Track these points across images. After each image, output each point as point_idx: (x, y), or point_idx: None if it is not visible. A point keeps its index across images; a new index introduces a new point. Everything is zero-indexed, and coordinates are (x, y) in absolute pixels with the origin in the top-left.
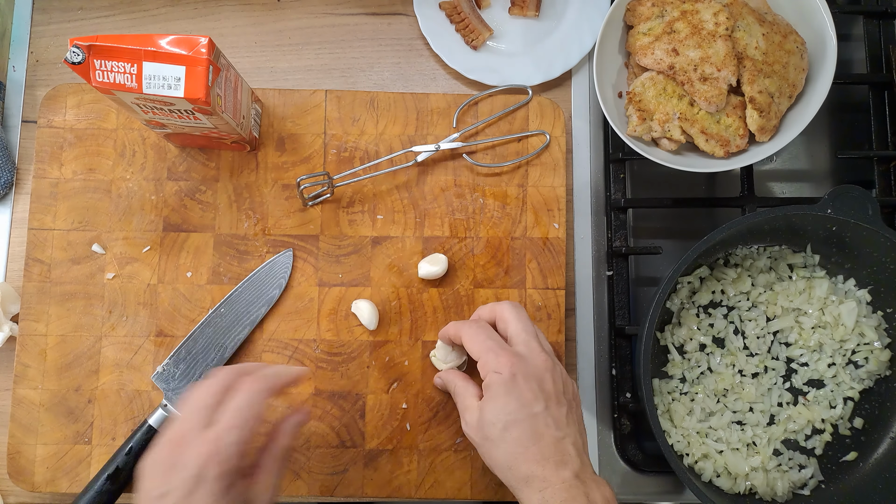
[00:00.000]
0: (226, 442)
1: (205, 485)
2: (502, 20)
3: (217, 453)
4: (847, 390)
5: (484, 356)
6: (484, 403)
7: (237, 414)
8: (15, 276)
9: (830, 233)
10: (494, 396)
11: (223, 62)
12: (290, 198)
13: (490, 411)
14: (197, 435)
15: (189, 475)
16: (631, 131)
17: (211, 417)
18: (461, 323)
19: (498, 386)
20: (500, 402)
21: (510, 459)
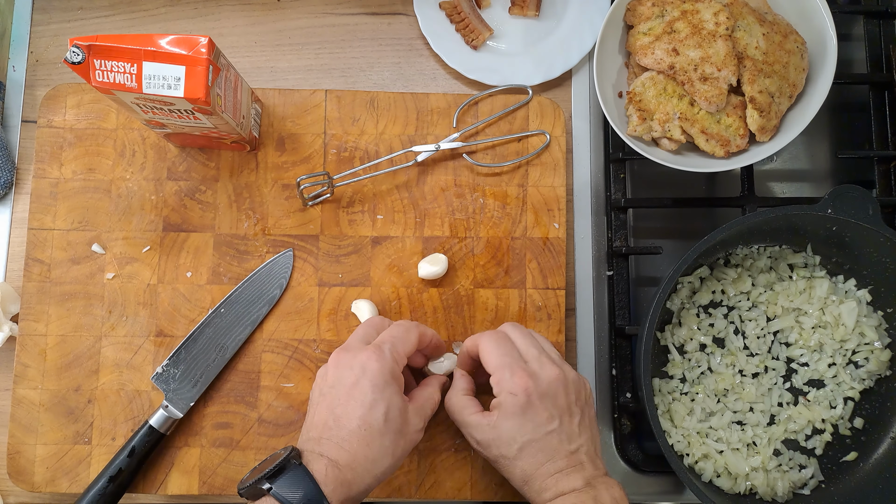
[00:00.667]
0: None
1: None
2: (502, 20)
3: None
4: (847, 390)
5: (498, 373)
6: (498, 422)
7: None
8: (15, 276)
9: (830, 233)
10: (510, 417)
11: (223, 62)
12: (290, 198)
13: (506, 431)
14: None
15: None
16: (631, 131)
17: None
18: (477, 336)
19: (514, 408)
20: (516, 424)
21: (526, 475)
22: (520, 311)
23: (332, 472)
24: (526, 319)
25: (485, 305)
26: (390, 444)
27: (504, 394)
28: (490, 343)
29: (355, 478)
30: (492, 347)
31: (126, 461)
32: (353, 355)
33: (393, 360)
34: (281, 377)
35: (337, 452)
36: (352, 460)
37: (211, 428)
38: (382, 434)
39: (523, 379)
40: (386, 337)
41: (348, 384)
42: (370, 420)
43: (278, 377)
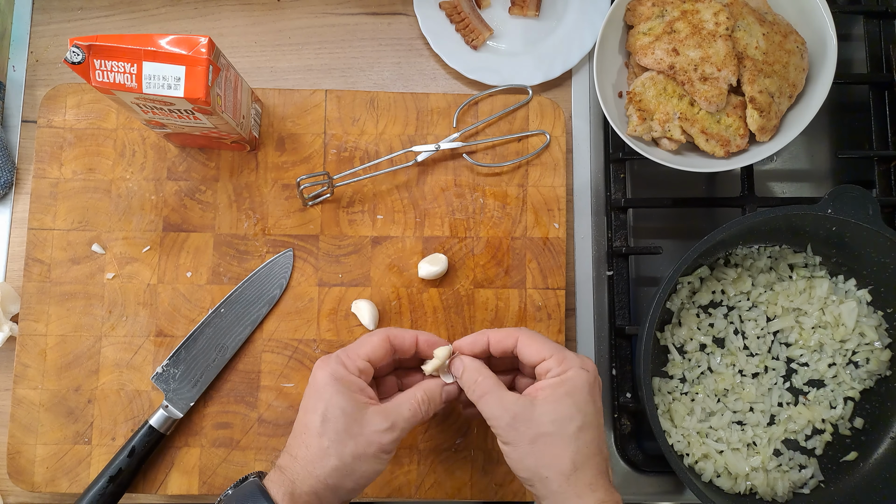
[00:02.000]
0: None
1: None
2: (502, 20)
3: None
4: (847, 390)
5: (560, 353)
6: (560, 397)
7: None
8: (15, 276)
9: (830, 233)
10: (575, 392)
11: (223, 62)
12: (290, 198)
13: (569, 406)
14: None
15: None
16: (631, 131)
17: None
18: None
19: (582, 383)
20: (582, 401)
21: (579, 461)
22: (520, 311)
23: (278, 476)
24: (526, 319)
25: (485, 305)
26: (330, 444)
27: (575, 368)
28: (532, 332)
29: (296, 479)
30: (537, 336)
31: (126, 461)
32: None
33: (338, 364)
34: (281, 377)
35: (284, 458)
36: (293, 462)
37: (211, 428)
38: (320, 435)
39: (591, 361)
40: (344, 348)
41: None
42: (307, 422)
43: (278, 377)
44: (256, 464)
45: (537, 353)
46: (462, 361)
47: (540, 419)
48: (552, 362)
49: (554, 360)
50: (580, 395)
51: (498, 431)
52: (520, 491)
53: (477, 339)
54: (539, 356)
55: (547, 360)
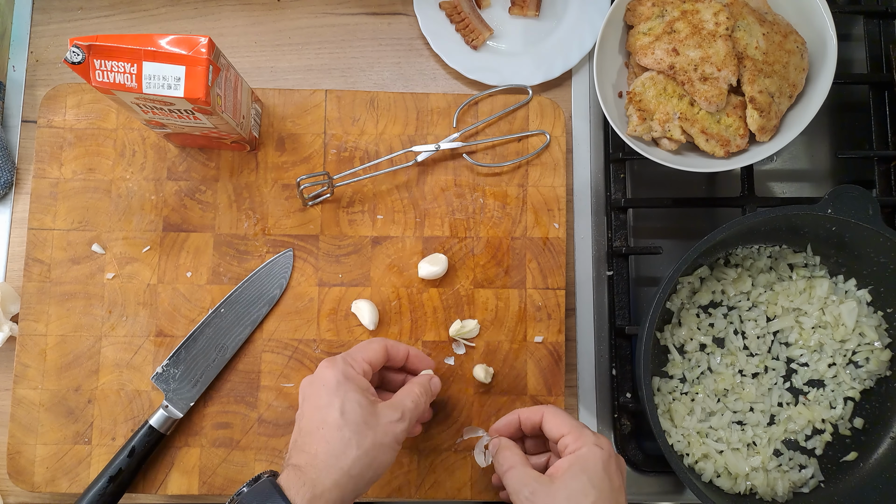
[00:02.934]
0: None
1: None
2: (502, 20)
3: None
4: (847, 390)
5: (579, 430)
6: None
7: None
8: (15, 276)
9: (830, 233)
10: (589, 470)
11: (223, 62)
12: (290, 198)
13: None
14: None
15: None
16: (631, 131)
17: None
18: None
19: (597, 460)
20: (596, 477)
21: None
22: (520, 311)
23: (294, 475)
24: (526, 319)
25: (485, 305)
26: (352, 436)
27: (589, 446)
28: (555, 409)
29: (319, 474)
30: (560, 412)
31: (126, 461)
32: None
33: (346, 365)
34: (281, 377)
35: (299, 457)
36: (312, 459)
37: (211, 428)
38: (340, 427)
39: (606, 440)
40: (352, 352)
41: (311, 400)
42: (325, 418)
43: (278, 377)
44: (256, 464)
45: (557, 429)
46: (499, 441)
47: (556, 495)
48: (569, 439)
49: (571, 437)
50: (594, 473)
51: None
52: None
53: (510, 420)
54: (559, 432)
55: (565, 437)
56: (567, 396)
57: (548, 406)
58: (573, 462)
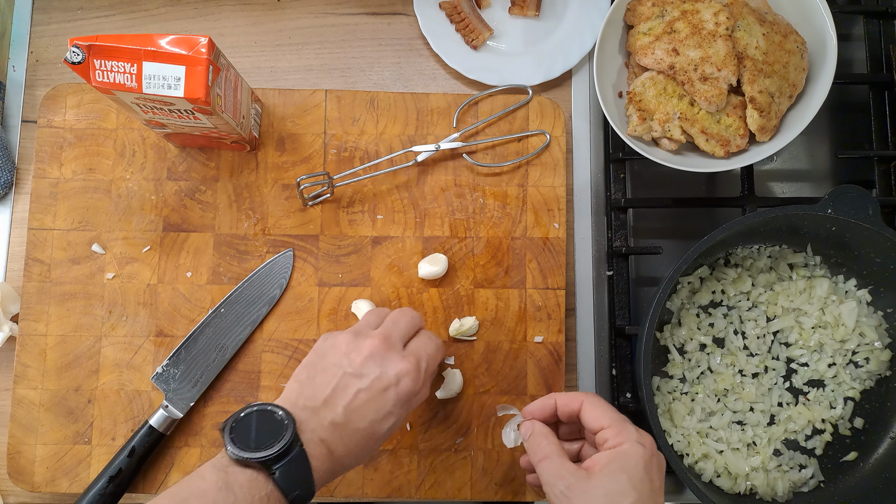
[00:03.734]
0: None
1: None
2: (502, 20)
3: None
4: (847, 390)
5: (621, 424)
6: (614, 472)
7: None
8: (15, 276)
9: (830, 233)
10: (629, 469)
11: (223, 62)
12: (290, 198)
13: (622, 483)
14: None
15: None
16: (631, 131)
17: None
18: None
19: (638, 459)
20: (636, 478)
21: None
22: (520, 311)
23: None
24: (526, 319)
25: (485, 305)
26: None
27: (630, 443)
28: (596, 399)
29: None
30: (601, 402)
31: (126, 461)
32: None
33: (425, 382)
34: (281, 377)
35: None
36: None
37: (211, 428)
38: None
39: (649, 437)
40: (422, 352)
41: (376, 387)
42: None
43: (278, 377)
44: None
45: (597, 421)
46: (532, 426)
47: (593, 493)
48: (609, 433)
49: (611, 431)
50: (635, 472)
51: (550, 498)
52: (520, 491)
53: (546, 404)
54: (598, 424)
55: (605, 430)
56: None
57: (588, 394)
58: (613, 458)
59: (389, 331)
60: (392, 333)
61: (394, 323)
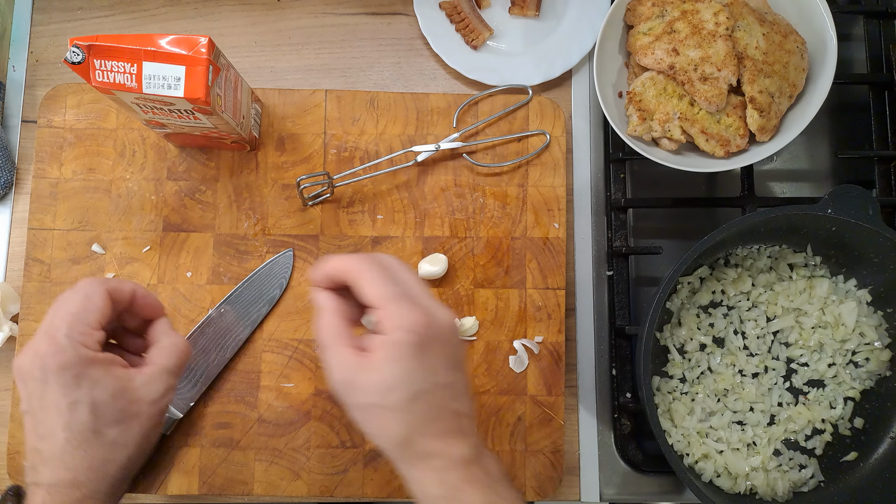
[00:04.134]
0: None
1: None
2: (502, 20)
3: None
4: (847, 390)
5: (388, 306)
6: (383, 363)
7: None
8: (15, 276)
9: (830, 233)
10: (399, 358)
11: (223, 62)
12: (290, 198)
13: (393, 375)
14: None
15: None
16: (631, 131)
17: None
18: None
19: (407, 347)
20: (409, 367)
21: (410, 433)
22: (520, 311)
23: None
24: (526, 319)
25: (485, 305)
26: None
27: (397, 331)
28: (369, 268)
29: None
30: (372, 273)
31: None
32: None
33: (77, 344)
34: (281, 377)
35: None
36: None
37: (211, 428)
38: (98, 432)
39: (420, 314)
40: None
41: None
42: (75, 425)
43: (278, 377)
44: (257, 464)
45: (367, 300)
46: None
47: (366, 387)
48: (381, 314)
49: (384, 314)
50: (405, 362)
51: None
52: (519, 491)
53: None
54: (370, 302)
55: (378, 311)
56: (567, 396)
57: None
58: (384, 348)
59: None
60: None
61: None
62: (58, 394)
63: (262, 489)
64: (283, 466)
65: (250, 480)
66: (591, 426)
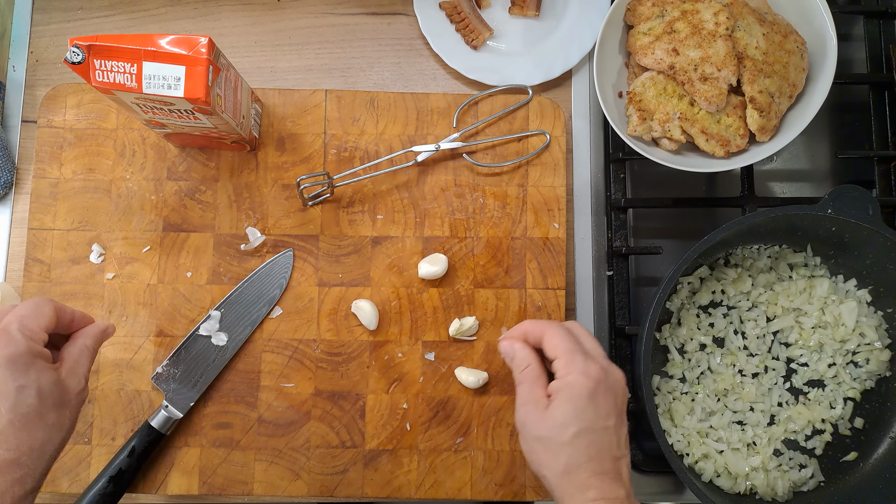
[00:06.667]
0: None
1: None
2: (502, 20)
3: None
4: (847, 390)
5: (570, 356)
6: (560, 403)
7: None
8: (15, 276)
9: (830, 233)
10: (574, 399)
11: (223, 62)
12: (290, 198)
13: (566, 413)
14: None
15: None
16: (631, 131)
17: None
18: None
19: (581, 389)
20: (580, 407)
21: (571, 465)
22: (520, 311)
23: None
24: (526, 319)
25: (485, 305)
26: (56, 419)
27: (575, 374)
28: (558, 330)
29: (28, 470)
30: (561, 333)
31: (126, 461)
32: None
33: (27, 339)
34: (281, 377)
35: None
36: (17, 455)
37: (211, 428)
38: (42, 415)
39: (596, 366)
40: (12, 318)
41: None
42: (22, 408)
43: (278, 377)
44: (257, 464)
45: (552, 351)
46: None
47: (543, 422)
48: (559, 363)
49: (561, 362)
50: (580, 402)
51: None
52: (520, 491)
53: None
54: (553, 354)
55: (557, 361)
56: None
57: (552, 323)
58: (560, 388)
59: None
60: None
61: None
62: (7, 378)
63: (262, 489)
64: (283, 466)
65: (250, 480)
66: None
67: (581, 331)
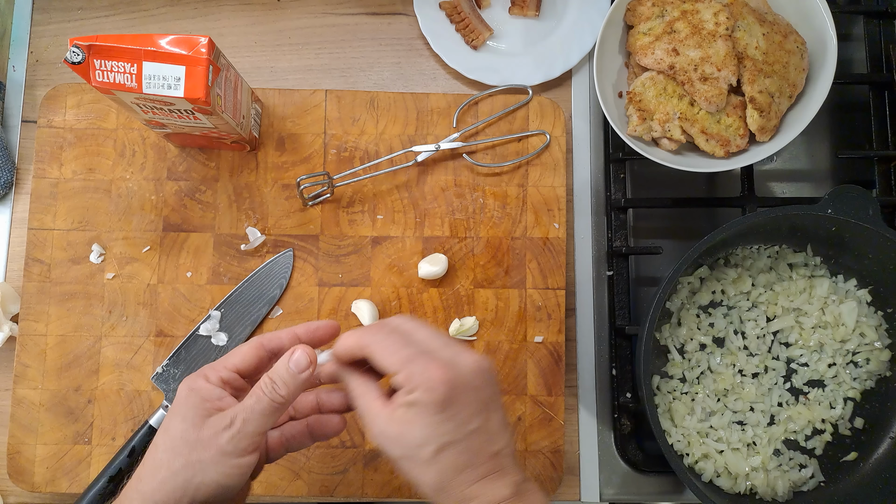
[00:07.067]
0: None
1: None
2: (502, 20)
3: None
4: (847, 390)
5: (407, 368)
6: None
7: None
8: (15, 276)
9: (830, 233)
10: (423, 415)
11: (223, 62)
12: (290, 198)
13: (419, 432)
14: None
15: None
16: (631, 131)
17: None
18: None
19: (429, 406)
20: (434, 422)
21: (443, 482)
22: (520, 311)
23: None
24: (526, 319)
25: (485, 305)
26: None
27: (416, 391)
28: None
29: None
30: (385, 342)
31: (126, 461)
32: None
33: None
34: None
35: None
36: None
37: None
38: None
39: (439, 369)
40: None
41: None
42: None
43: None
44: None
45: (384, 370)
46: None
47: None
48: (398, 379)
49: (400, 377)
50: (431, 418)
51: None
52: None
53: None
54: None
55: (396, 377)
56: (567, 396)
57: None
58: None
59: None
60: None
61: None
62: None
63: (262, 489)
64: (283, 466)
65: None
66: (591, 426)
67: (409, 325)
